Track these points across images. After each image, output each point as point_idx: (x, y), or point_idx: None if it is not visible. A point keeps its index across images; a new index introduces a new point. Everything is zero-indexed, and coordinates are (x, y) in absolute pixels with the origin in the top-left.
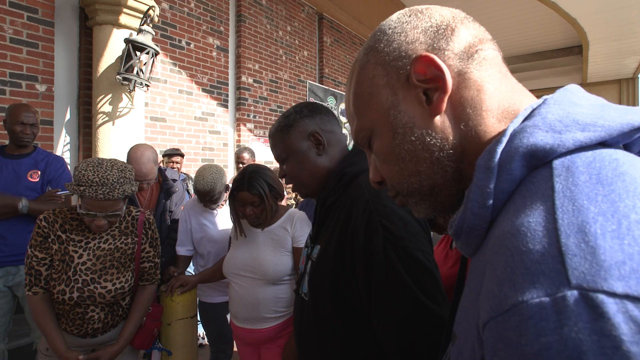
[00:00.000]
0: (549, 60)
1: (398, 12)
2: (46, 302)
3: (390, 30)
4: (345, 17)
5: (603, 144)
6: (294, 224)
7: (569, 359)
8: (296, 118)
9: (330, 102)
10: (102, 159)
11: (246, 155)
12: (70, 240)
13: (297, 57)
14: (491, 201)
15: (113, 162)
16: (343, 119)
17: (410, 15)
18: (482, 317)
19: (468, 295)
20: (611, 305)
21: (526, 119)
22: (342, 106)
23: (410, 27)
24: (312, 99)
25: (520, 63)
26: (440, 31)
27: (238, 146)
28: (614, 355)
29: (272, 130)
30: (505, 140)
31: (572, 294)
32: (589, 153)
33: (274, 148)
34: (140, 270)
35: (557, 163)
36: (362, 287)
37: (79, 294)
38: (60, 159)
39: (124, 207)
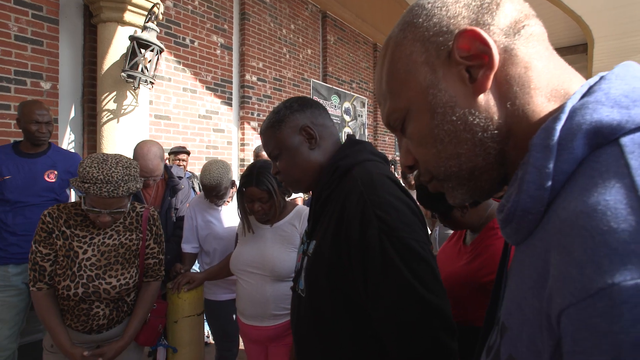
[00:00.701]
0: None
1: None
2: (50, 298)
3: (430, 5)
4: (349, 15)
5: None
6: (302, 220)
7: None
8: (286, 113)
9: (334, 101)
10: (107, 154)
11: (265, 154)
12: (74, 236)
13: (300, 56)
14: (550, 182)
15: (118, 159)
16: (347, 118)
17: None
18: (556, 304)
19: (519, 284)
20: None
21: (584, 96)
22: (346, 104)
23: (451, 0)
24: (315, 98)
25: None
26: (484, 5)
27: (242, 144)
28: None
29: (263, 127)
30: (564, 117)
31: None
32: None
33: (266, 145)
34: (144, 267)
35: (626, 140)
36: (358, 278)
37: (84, 289)
38: (75, 157)
39: (129, 204)
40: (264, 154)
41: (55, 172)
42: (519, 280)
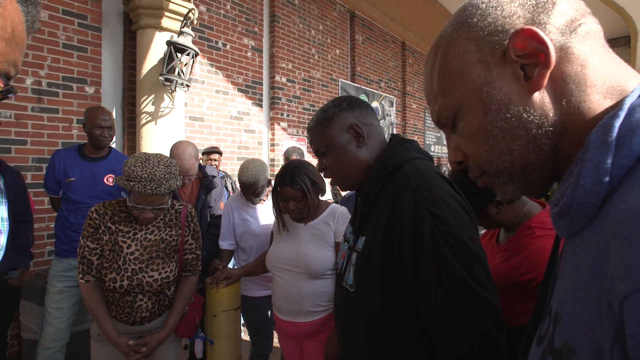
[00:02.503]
0: None
1: None
2: (97, 290)
3: (484, 4)
4: (377, 15)
5: None
6: (336, 219)
7: None
8: (335, 111)
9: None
10: (149, 154)
11: (295, 156)
12: (119, 232)
13: (329, 56)
14: (607, 178)
15: (159, 158)
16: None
17: None
18: (618, 291)
19: (574, 274)
20: None
21: None
22: (375, 104)
23: (506, 0)
24: None
25: None
26: (540, 4)
27: (272, 144)
28: None
29: (312, 124)
30: (622, 114)
31: None
32: None
33: (313, 142)
34: (183, 261)
35: None
36: (409, 273)
37: (129, 282)
38: None
39: (170, 201)
40: (294, 157)
41: (114, 176)
42: (573, 271)
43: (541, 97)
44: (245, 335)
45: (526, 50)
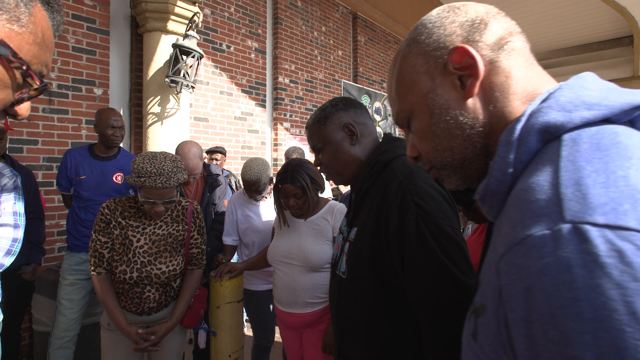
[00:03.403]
0: (596, 52)
1: (438, 8)
2: (108, 282)
3: (431, 25)
4: (380, 16)
5: (608, 120)
6: (335, 215)
7: (561, 273)
8: (332, 111)
9: (365, 101)
10: (154, 152)
11: (295, 156)
12: (129, 226)
13: (331, 57)
14: (511, 169)
15: (165, 154)
16: (377, 117)
17: (448, 11)
18: (497, 254)
19: (491, 250)
20: (594, 232)
21: (543, 101)
22: (377, 104)
23: (448, 21)
24: None
25: (564, 56)
26: (474, 25)
27: (275, 144)
28: (593, 266)
29: (310, 122)
30: (524, 119)
31: (565, 227)
32: (594, 128)
33: (310, 139)
34: (189, 255)
35: (565, 136)
36: (396, 260)
37: (138, 274)
38: None
39: (178, 195)
40: (295, 157)
41: (122, 175)
42: (491, 248)
43: (474, 103)
44: (248, 330)
45: (461, 63)
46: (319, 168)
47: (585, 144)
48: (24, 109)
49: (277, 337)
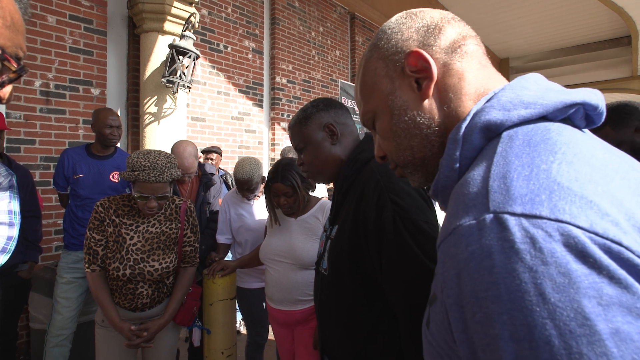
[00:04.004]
0: (595, 52)
1: (397, 15)
2: (102, 279)
3: (390, 30)
4: (377, 16)
5: (546, 118)
6: (325, 213)
7: (484, 259)
8: (313, 111)
9: None
10: (149, 149)
11: (291, 155)
12: (122, 224)
13: (329, 57)
14: (457, 165)
15: (159, 151)
16: None
17: (406, 17)
18: (437, 245)
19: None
20: (512, 221)
21: (488, 101)
22: None
23: (405, 27)
24: (344, 98)
25: (563, 56)
26: (429, 30)
27: (272, 144)
28: (510, 252)
29: (291, 122)
30: (469, 118)
31: (489, 216)
32: (530, 125)
33: (292, 139)
34: (182, 253)
35: (504, 134)
36: (374, 255)
37: (131, 270)
38: None
39: (171, 192)
40: (291, 155)
41: (119, 173)
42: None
43: (429, 104)
44: (244, 330)
45: (417, 66)
46: (301, 167)
47: (519, 140)
48: (6, 92)
49: (271, 334)
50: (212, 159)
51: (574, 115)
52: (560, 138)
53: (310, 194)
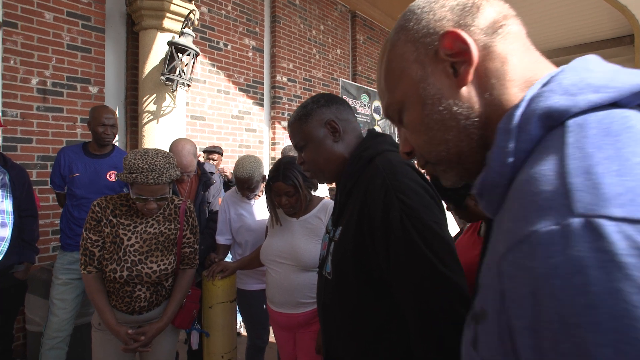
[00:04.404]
0: (596, 52)
1: None
2: (99, 281)
3: (419, 10)
4: (378, 14)
5: (616, 105)
6: (328, 213)
7: (573, 275)
8: (313, 107)
9: (364, 100)
10: (147, 148)
11: (292, 154)
12: (120, 224)
13: (330, 56)
14: (511, 159)
15: (157, 151)
16: (377, 116)
17: None
18: (499, 254)
19: (491, 249)
20: (610, 227)
21: (544, 85)
22: (376, 103)
23: (437, 6)
24: (345, 97)
25: (564, 56)
26: (466, 9)
27: (273, 143)
28: (611, 266)
29: (291, 119)
30: (523, 105)
31: (576, 221)
32: (601, 112)
33: (292, 137)
34: (181, 255)
35: (570, 122)
36: (381, 257)
37: (128, 272)
38: None
39: (170, 192)
40: (292, 154)
41: (116, 173)
42: (491, 246)
43: (468, 91)
44: (244, 332)
45: (453, 49)
46: (302, 167)
47: (594, 129)
48: None
49: (272, 337)
50: (213, 159)
51: None
52: None
53: (313, 193)
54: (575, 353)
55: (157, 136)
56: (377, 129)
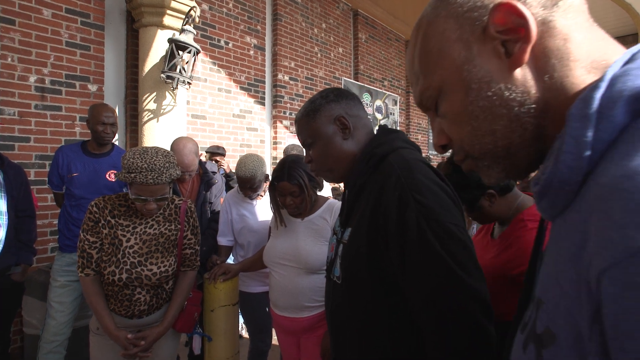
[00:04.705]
0: None
1: None
2: (97, 284)
3: None
4: (380, 13)
5: None
6: (333, 214)
7: None
8: (322, 103)
9: (366, 99)
10: (146, 147)
11: (294, 153)
12: (118, 225)
13: (332, 54)
14: (589, 152)
15: (156, 149)
16: (379, 116)
17: None
18: (595, 268)
19: (556, 258)
20: None
21: (627, 63)
22: (378, 103)
23: None
24: None
25: None
26: None
27: (275, 142)
28: None
29: (299, 115)
30: (604, 85)
31: None
32: None
33: (300, 133)
34: (182, 256)
35: None
36: (395, 260)
37: (128, 275)
38: None
39: (170, 192)
40: (294, 154)
41: (115, 172)
42: (556, 255)
43: (523, 74)
44: (246, 334)
45: (506, 25)
46: (310, 165)
47: None
48: None
49: (275, 340)
50: (216, 161)
51: None
52: None
53: (318, 193)
54: None
55: (157, 135)
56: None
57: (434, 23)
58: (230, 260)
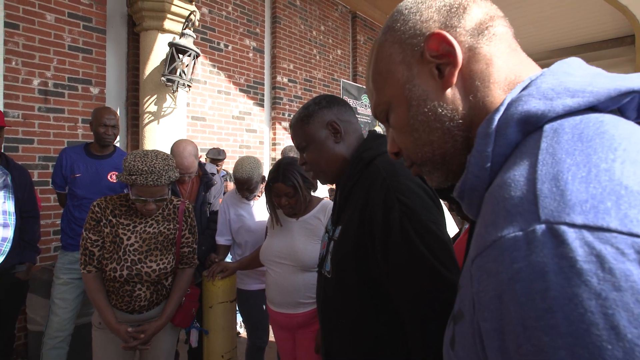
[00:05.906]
0: (597, 52)
1: None
2: (99, 280)
3: (407, 10)
4: (379, 15)
5: (594, 109)
6: (327, 214)
7: (535, 280)
8: (315, 109)
9: (365, 100)
10: (146, 150)
11: (292, 154)
12: (119, 224)
13: (330, 56)
14: (489, 164)
15: (156, 152)
16: None
17: None
18: (470, 258)
19: (470, 252)
20: (571, 234)
21: (524, 89)
22: None
23: (425, 6)
24: (345, 98)
25: (564, 56)
26: (452, 10)
27: (274, 144)
28: (570, 273)
29: (293, 120)
30: (502, 108)
31: (540, 227)
32: (578, 117)
33: (294, 137)
34: (180, 254)
35: (547, 127)
36: (380, 257)
37: (128, 271)
38: None
39: (169, 193)
40: (292, 155)
41: (117, 174)
42: (471, 249)
43: (453, 93)
44: (244, 332)
45: (439, 51)
46: (304, 167)
47: (567, 134)
48: None
49: (272, 337)
50: (218, 166)
51: (627, 106)
52: (618, 132)
53: (312, 194)
54: (535, 355)
55: (157, 137)
56: (378, 129)
57: (383, 47)
58: (228, 258)
